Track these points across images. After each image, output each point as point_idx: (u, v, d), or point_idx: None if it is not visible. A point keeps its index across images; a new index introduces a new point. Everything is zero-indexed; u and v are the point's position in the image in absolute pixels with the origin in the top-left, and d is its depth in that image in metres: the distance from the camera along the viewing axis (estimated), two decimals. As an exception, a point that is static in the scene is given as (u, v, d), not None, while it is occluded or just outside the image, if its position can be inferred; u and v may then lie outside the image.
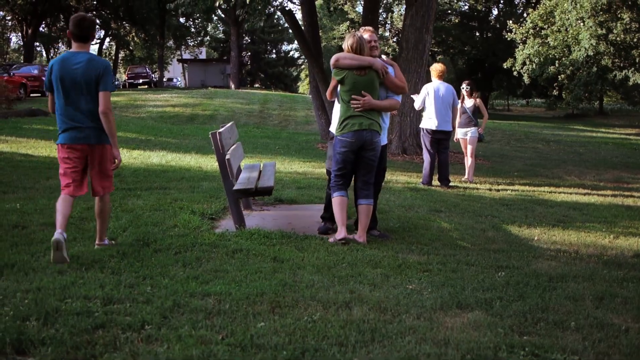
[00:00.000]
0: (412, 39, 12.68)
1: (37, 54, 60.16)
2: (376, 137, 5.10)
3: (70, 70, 4.30)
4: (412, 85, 12.85)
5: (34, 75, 24.10)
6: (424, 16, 12.58)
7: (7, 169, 8.03)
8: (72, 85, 4.31)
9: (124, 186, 7.34)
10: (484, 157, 13.77)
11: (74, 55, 4.38)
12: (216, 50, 61.84)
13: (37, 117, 15.17)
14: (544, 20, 25.23)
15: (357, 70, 4.98)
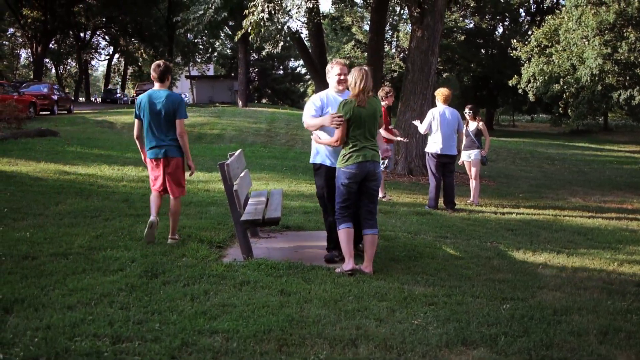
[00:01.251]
0: (418, 61, 12.79)
1: (47, 70, 60.68)
2: (378, 167, 5.24)
3: (154, 103, 5.85)
4: (418, 106, 12.99)
5: (43, 94, 24.33)
6: (430, 39, 12.69)
7: (17, 194, 8.12)
8: (156, 115, 5.84)
9: (133, 212, 7.42)
10: (489, 178, 13.82)
11: (156, 92, 5.94)
12: (224, 67, 62.34)
13: (46, 137, 15.28)
14: (548, 39, 25.33)
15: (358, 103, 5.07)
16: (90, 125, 20.55)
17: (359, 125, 5.12)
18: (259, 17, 11.72)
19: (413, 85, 12.88)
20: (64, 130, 18.02)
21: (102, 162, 11.78)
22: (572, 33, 23.02)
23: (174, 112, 5.85)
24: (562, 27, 23.96)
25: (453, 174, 9.43)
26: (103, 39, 59.65)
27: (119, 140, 16.86)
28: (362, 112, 5.10)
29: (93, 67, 73.56)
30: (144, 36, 47.18)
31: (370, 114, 5.15)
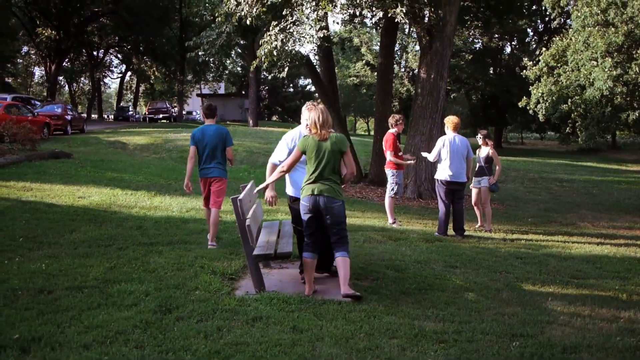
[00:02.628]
0: (427, 86, 12.91)
1: (60, 88, 61.33)
2: (332, 202, 5.32)
3: (206, 135, 7.43)
4: (428, 130, 13.09)
5: (57, 114, 24.60)
6: (439, 64, 12.81)
7: (32, 221, 8.25)
8: (207, 144, 7.41)
9: (146, 240, 7.52)
10: (498, 201, 13.85)
11: (208, 126, 7.56)
12: (234, 85, 62.82)
13: (60, 159, 15.46)
14: (556, 60, 25.31)
15: (319, 137, 5.29)
16: (103, 146, 20.77)
17: (316, 158, 5.30)
18: (272, 46, 11.88)
19: (422, 109, 12.99)
20: (77, 151, 18.22)
21: (115, 185, 11.92)
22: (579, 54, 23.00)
23: (223, 141, 7.47)
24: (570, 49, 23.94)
25: (462, 201, 9.50)
26: (116, 58, 60.36)
27: (132, 162, 17.03)
28: (323, 145, 5.28)
29: (106, 84, 74.24)
30: (156, 55, 47.69)
31: (334, 149, 5.30)
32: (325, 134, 5.28)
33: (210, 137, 7.40)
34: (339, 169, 5.40)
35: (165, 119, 45.89)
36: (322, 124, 5.27)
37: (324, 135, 5.28)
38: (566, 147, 42.99)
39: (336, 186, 5.37)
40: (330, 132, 5.33)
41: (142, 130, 26.36)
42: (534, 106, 27.03)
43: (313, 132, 5.32)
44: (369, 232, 9.03)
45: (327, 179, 5.31)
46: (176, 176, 14.35)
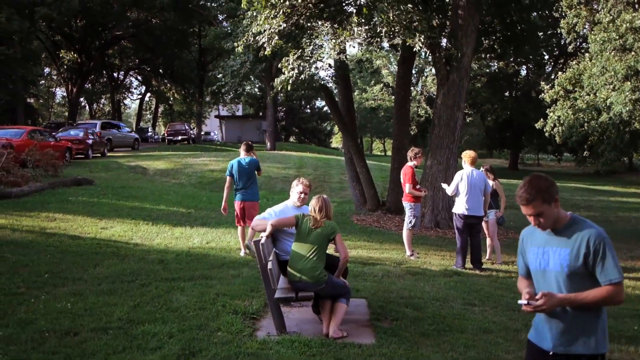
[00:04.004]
0: (444, 116, 13.01)
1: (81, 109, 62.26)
2: (310, 286, 5.59)
3: (241, 166, 9.21)
4: (445, 160, 13.18)
5: (78, 139, 25.07)
6: (456, 95, 12.93)
7: (56, 255, 8.42)
8: (242, 173, 9.18)
9: (168, 275, 7.65)
10: (515, 230, 13.83)
11: (243, 159, 9.31)
12: (252, 106, 63.42)
13: (83, 186, 15.75)
14: (572, 84, 25.33)
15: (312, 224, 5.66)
16: (124, 171, 21.09)
17: (300, 241, 5.67)
18: (288, 76, 12.07)
19: (439, 139, 13.09)
20: (98, 177, 18.56)
21: (137, 215, 12.13)
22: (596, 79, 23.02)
23: (254, 169, 9.31)
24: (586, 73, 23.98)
25: (480, 234, 9.56)
26: (136, 79, 61.28)
27: (152, 188, 17.29)
28: (313, 232, 5.64)
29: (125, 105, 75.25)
30: (175, 77, 48.40)
31: (322, 235, 5.65)
32: (320, 222, 5.66)
33: (244, 168, 9.22)
34: (323, 256, 5.69)
35: (184, 140, 46.42)
36: (319, 211, 5.68)
37: (318, 223, 5.66)
38: (583, 169, 42.78)
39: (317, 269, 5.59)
40: (324, 221, 5.68)
41: (162, 154, 26.70)
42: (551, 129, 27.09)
43: (312, 216, 5.71)
44: (387, 266, 9.09)
45: (309, 262, 5.58)
46: (195, 204, 14.56)
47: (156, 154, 27.88)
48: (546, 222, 3.10)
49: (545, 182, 3.13)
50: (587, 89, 24.45)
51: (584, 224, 3.12)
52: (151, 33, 43.05)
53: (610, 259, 2.99)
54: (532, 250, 3.25)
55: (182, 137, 46.42)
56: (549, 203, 3.08)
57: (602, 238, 3.02)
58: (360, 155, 15.20)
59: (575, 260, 3.04)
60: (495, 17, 14.48)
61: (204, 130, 57.13)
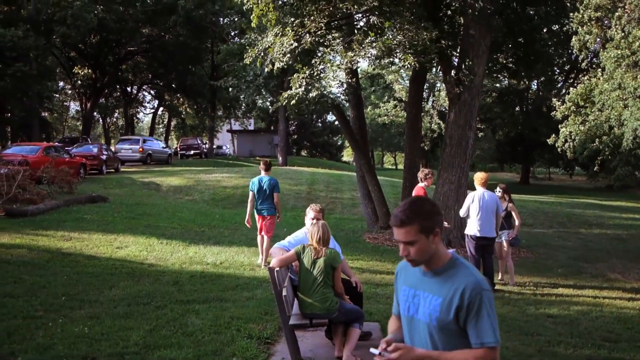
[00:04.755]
0: (455, 135, 13.07)
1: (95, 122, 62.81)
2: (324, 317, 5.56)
3: (262, 184, 10.11)
4: (456, 179, 13.22)
5: (93, 155, 25.36)
6: (467, 114, 12.99)
7: (73, 276, 8.55)
8: (262, 190, 10.09)
9: (183, 297, 7.75)
10: (528, 248, 13.84)
11: (263, 177, 10.18)
12: (264, 121, 63.76)
13: (97, 203, 15.94)
14: (584, 99, 25.32)
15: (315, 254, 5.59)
16: (138, 187, 21.28)
17: (305, 273, 5.60)
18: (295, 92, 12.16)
19: (451, 158, 13.15)
20: (113, 193, 18.76)
21: (151, 233, 12.27)
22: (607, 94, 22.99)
23: (272, 189, 10.10)
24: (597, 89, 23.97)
25: (492, 256, 9.58)
26: (148, 94, 61.84)
27: (165, 205, 17.44)
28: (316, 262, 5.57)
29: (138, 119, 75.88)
30: (187, 92, 48.84)
31: (325, 264, 5.56)
32: (321, 251, 5.59)
33: (264, 185, 10.13)
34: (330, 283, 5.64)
35: (197, 155, 46.80)
36: (318, 241, 5.60)
37: (319, 253, 5.58)
38: (594, 183, 42.59)
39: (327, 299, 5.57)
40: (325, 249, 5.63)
41: (175, 170, 26.90)
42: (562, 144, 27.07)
43: (312, 245, 5.64)
44: (399, 287, 9.14)
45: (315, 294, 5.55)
46: (209, 222, 14.68)
47: (169, 169, 28.11)
48: (417, 256, 2.56)
49: (430, 208, 2.61)
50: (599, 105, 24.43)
51: (462, 270, 2.58)
52: (164, 49, 43.54)
53: (486, 317, 2.48)
54: (404, 291, 2.73)
55: (194, 151, 46.82)
56: (427, 234, 2.54)
57: (481, 290, 2.49)
58: (372, 173, 15.27)
59: (446, 313, 2.52)
60: (507, 36, 14.55)
61: (216, 144, 57.53)
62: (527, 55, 14.59)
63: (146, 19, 40.36)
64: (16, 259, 9.26)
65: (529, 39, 14.38)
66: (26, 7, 35.95)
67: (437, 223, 2.58)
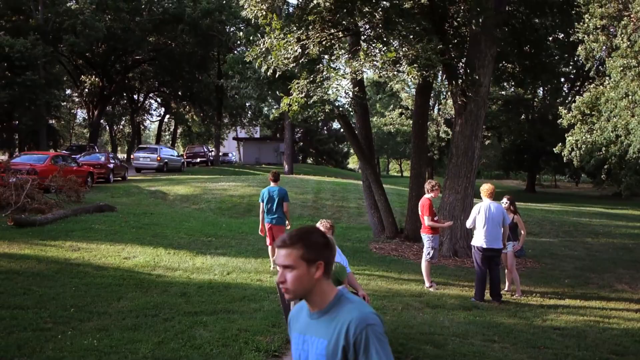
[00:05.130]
0: (461, 145, 13.11)
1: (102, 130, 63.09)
2: None
3: (271, 194, 10.57)
4: (462, 189, 13.25)
5: (100, 163, 25.49)
6: (473, 124, 13.03)
7: (81, 287, 8.60)
8: (271, 200, 10.53)
9: (190, 309, 7.79)
10: (534, 258, 13.82)
11: (272, 187, 10.64)
12: (270, 128, 63.94)
13: (105, 213, 16.01)
14: (590, 108, 25.32)
15: None
16: (145, 196, 21.37)
17: None
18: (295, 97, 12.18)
19: (457, 168, 13.18)
20: (120, 202, 18.84)
21: (158, 243, 12.33)
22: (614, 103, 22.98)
23: (282, 198, 10.56)
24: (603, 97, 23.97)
25: (499, 267, 9.60)
26: (155, 101, 62.14)
27: (173, 214, 17.51)
28: None
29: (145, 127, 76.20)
30: (194, 99, 49.06)
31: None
32: None
33: (273, 195, 10.55)
34: None
35: (203, 162, 47.02)
36: None
37: None
38: (600, 191, 42.50)
39: None
40: None
41: (182, 179, 26.98)
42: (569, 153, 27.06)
43: None
44: (406, 298, 9.17)
45: None
46: (215, 231, 14.73)
47: (176, 177, 28.19)
48: (292, 285, 2.32)
49: (319, 240, 2.39)
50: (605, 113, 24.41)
51: (346, 306, 2.32)
52: (171, 57, 43.78)
53: (374, 355, 2.18)
54: (295, 338, 2.48)
55: (200, 159, 47.04)
56: (309, 263, 2.32)
57: (366, 326, 2.21)
58: (378, 183, 15.29)
59: (332, 357, 2.27)
60: (513, 46, 14.59)
61: (222, 151, 57.69)
62: (533, 65, 14.61)
63: (153, 27, 40.60)
64: (25, 270, 9.33)
65: (535, 48, 14.41)
66: (35, 16, 36.21)
67: (324, 257, 2.36)
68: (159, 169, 34.20)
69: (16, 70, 31.68)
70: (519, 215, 10.58)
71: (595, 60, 30.02)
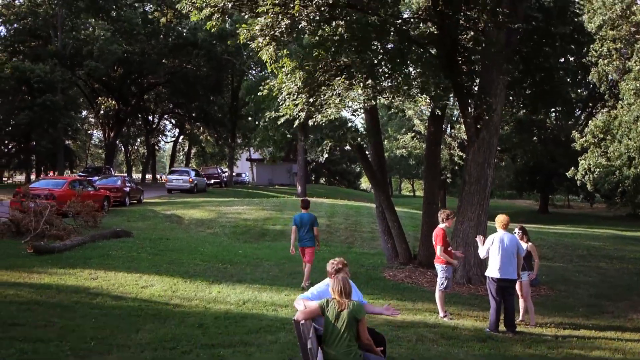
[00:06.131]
0: (474, 173, 13.22)
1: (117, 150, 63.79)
2: None
3: (303, 220, 11.92)
4: (476, 216, 13.32)
5: (116, 187, 25.83)
6: (486, 152, 13.14)
7: (100, 318, 8.74)
8: (303, 225, 11.88)
9: (208, 341, 7.89)
10: (548, 284, 13.81)
11: (304, 213, 12.02)
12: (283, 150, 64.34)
13: (121, 238, 16.24)
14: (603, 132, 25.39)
15: (339, 307, 5.69)
16: (160, 220, 21.61)
17: (329, 325, 5.68)
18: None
19: (470, 196, 13.27)
20: (136, 227, 19.09)
21: (175, 271, 12.49)
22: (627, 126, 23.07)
23: (312, 223, 11.96)
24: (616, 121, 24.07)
25: (513, 297, 9.65)
26: (169, 122, 62.79)
27: (188, 239, 17.71)
28: (341, 314, 5.65)
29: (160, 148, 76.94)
30: (208, 121, 49.57)
31: (349, 316, 5.64)
32: (344, 304, 5.69)
33: (305, 221, 11.94)
34: (355, 335, 5.71)
35: (217, 184, 47.44)
36: (340, 294, 5.72)
37: (342, 306, 5.68)
38: (614, 212, 42.27)
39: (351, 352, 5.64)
40: (349, 302, 5.72)
41: (196, 202, 27.23)
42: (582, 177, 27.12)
43: (335, 299, 5.75)
44: (421, 329, 9.22)
45: (340, 348, 5.63)
46: (230, 257, 14.87)
47: (190, 201, 28.43)
48: None
49: None
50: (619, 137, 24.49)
51: None
52: (185, 79, 44.36)
53: None
54: None
55: (214, 180, 47.46)
56: None
57: None
58: (391, 209, 15.40)
59: None
60: (524, 74, 14.73)
61: (235, 171, 58.06)
62: (544, 91, 14.73)
63: (169, 51, 41.22)
64: (46, 300, 9.51)
65: (545, 76, 14.53)
66: (53, 42, 36.94)
67: None
68: (190, 190, 36.62)
69: (35, 93, 32.32)
70: (532, 243, 10.63)
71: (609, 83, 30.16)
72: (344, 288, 5.76)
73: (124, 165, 67.91)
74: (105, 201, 22.83)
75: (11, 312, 8.64)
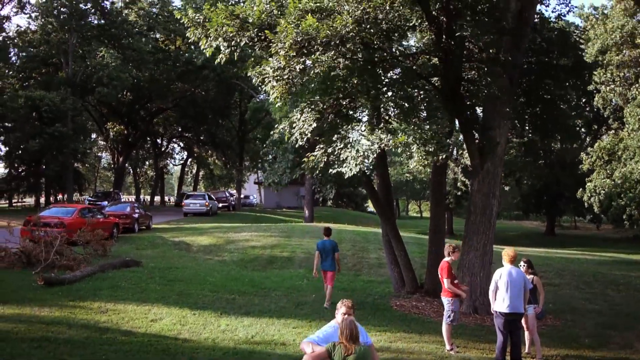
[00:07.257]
0: (479, 204, 13.35)
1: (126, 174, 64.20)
2: None
3: (325, 246, 13.23)
4: (481, 246, 13.44)
5: (125, 214, 26.11)
6: (490, 183, 13.29)
7: (110, 355, 8.84)
8: (325, 251, 13.17)
9: (216, 379, 8.03)
10: (554, 313, 13.84)
11: (326, 240, 13.38)
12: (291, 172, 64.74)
13: (130, 268, 16.41)
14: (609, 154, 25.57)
15: (345, 352, 5.74)
16: (169, 247, 21.81)
17: None
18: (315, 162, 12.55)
19: (475, 226, 13.40)
20: (145, 255, 19.28)
21: (184, 302, 12.64)
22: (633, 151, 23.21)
23: (333, 249, 13.19)
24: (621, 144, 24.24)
25: (520, 331, 9.73)
26: (178, 146, 63.27)
27: (196, 267, 17.88)
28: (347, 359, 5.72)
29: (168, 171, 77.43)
30: (216, 144, 49.95)
31: None
32: (351, 349, 5.75)
33: (327, 247, 13.19)
34: None
35: (225, 207, 47.69)
36: (347, 339, 5.77)
37: (350, 350, 5.74)
38: (620, 233, 42.16)
39: None
40: (356, 346, 5.79)
41: (205, 229, 27.44)
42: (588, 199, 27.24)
43: (342, 343, 5.81)
44: (427, 364, 9.32)
45: None
46: (239, 287, 15.01)
47: (199, 227, 28.64)
48: None
49: None
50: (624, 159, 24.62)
51: None
52: (194, 103, 44.81)
53: None
54: None
55: (222, 204, 47.70)
56: None
57: None
58: (398, 239, 15.54)
59: None
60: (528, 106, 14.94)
61: (243, 194, 58.28)
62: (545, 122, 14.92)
63: (177, 76, 41.72)
64: (56, 336, 9.63)
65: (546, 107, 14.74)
66: (64, 69, 37.50)
67: None
68: (206, 213, 39.58)
69: (45, 121, 32.79)
70: (538, 277, 10.73)
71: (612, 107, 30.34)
72: (351, 333, 5.83)
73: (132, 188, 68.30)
74: (114, 228, 23.06)
75: (22, 349, 8.77)
